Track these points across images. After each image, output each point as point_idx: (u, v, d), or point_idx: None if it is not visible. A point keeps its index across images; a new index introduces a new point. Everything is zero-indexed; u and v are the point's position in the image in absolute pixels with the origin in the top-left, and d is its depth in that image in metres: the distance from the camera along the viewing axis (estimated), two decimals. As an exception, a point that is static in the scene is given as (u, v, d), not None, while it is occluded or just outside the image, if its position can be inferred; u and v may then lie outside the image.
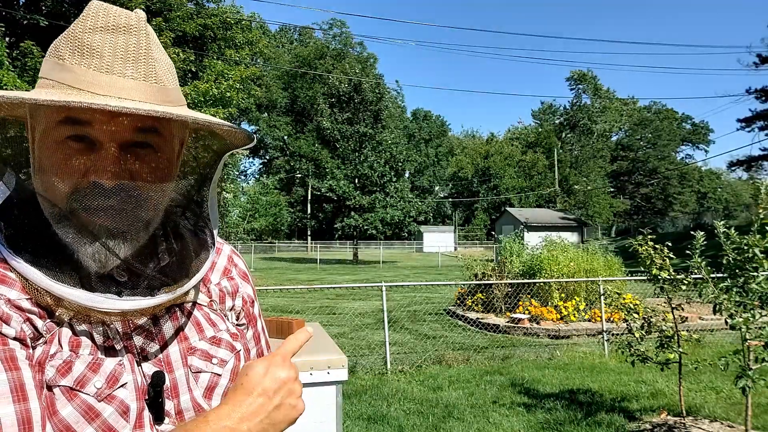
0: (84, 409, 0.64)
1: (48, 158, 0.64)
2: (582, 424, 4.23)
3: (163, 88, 0.67)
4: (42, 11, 11.59)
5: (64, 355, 0.65)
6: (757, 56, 29.74)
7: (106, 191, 0.63)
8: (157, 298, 0.67)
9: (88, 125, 0.63)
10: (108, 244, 0.64)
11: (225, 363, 0.78)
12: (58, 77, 0.64)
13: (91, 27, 0.64)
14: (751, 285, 3.44)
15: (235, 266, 0.90)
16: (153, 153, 0.67)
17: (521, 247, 10.80)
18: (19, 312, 0.63)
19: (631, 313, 4.41)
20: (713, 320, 7.68)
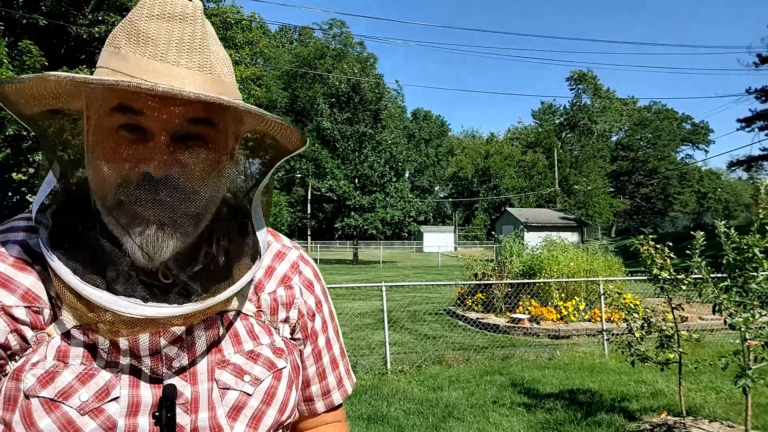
0: (63, 423, 0.61)
1: (99, 147, 0.63)
2: (582, 424, 4.23)
3: (218, 79, 0.65)
4: (41, 11, 11.58)
5: (47, 365, 0.62)
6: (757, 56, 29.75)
7: (155, 182, 0.61)
8: (184, 307, 0.63)
9: (140, 114, 0.61)
10: (150, 242, 0.62)
11: (258, 381, 0.71)
12: (114, 65, 0.63)
13: (147, 15, 0.63)
14: (750, 285, 3.44)
15: (299, 273, 0.83)
16: (205, 146, 0.64)
17: (521, 247, 10.80)
18: (8, 320, 0.62)
19: (631, 313, 4.41)
20: (713, 320, 7.68)
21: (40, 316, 0.64)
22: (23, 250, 0.66)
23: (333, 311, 0.90)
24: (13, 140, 10.45)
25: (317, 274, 0.87)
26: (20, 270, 0.65)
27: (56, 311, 0.65)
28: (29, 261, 0.66)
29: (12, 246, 0.66)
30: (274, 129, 0.71)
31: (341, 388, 0.89)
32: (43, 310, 0.65)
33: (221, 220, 0.71)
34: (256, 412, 0.70)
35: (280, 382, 0.74)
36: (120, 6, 11.61)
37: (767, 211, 3.55)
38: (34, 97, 0.64)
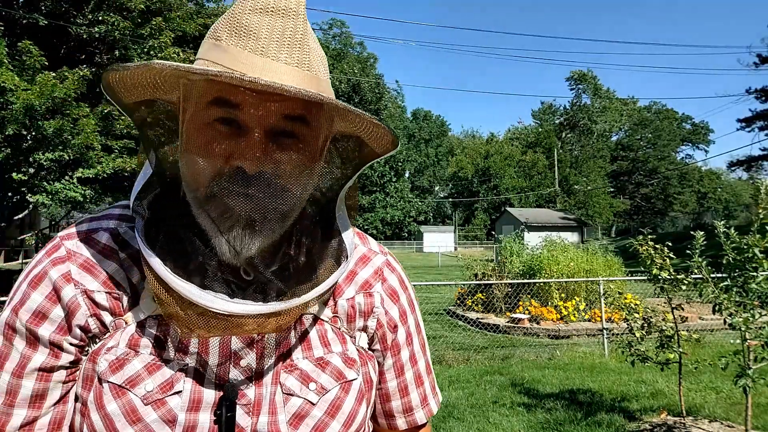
0: (127, 410, 0.62)
1: (195, 140, 0.63)
2: (582, 424, 4.23)
3: (315, 77, 0.64)
4: (41, 11, 11.58)
5: (119, 352, 0.65)
6: (757, 56, 29.78)
7: (248, 177, 0.60)
8: (268, 305, 0.62)
9: (237, 107, 0.61)
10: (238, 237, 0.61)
11: (324, 391, 0.68)
12: (214, 57, 0.62)
13: (250, 8, 0.62)
14: (750, 285, 3.44)
15: (383, 281, 0.78)
16: (298, 144, 0.64)
17: (521, 247, 10.80)
18: (90, 304, 0.65)
19: (631, 313, 4.41)
20: (713, 320, 7.68)
21: (119, 303, 0.66)
22: (112, 238, 0.69)
23: (420, 324, 0.85)
24: (13, 140, 10.45)
25: (404, 283, 0.81)
26: (105, 257, 0.67)
27: (135, 299, 0.67)
28: (115, 249, 0.68)
29: (102, 233, 0.69)
30: (367, 130, 0.69)
31: (425, 406, 0.84)
32: (122, 297, 0.66)
33: (307, 219, 0.71)
34: (318, 423, 0.67)
35: (348, 394, 0.70)
36: (120, 6, 11.61)
37: (767, 211, 3.55)
38: (134, 86, 0.64)
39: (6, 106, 9.92)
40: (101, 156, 11.14)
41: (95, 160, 11.00)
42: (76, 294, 0.65)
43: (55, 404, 0.66)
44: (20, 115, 9.74)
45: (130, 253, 0.68)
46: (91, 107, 11.14)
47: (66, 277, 0.65)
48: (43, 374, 0.65)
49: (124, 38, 11.66)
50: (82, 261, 0.67)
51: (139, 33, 11.93)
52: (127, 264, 0.68)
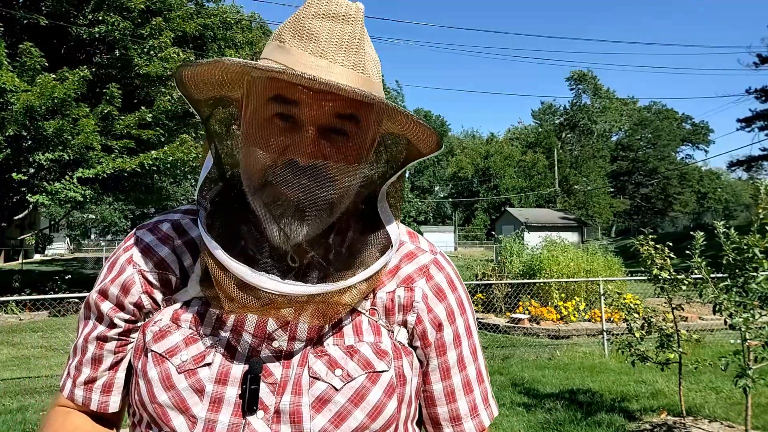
0: (164, 376, 0.69)
1: (253, 133, 0.68)
2: (582, 424, 4.23)
3: (368, 79, 0.69)
4: (42, 11, 11.58)
5: (162, 324, 0.72)
6: (757, 56, 29.78)
7: (300, 169, 0.65)
8: (317, 286, 0.66)
9: (295, 104, 0.65)
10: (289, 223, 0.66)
11: (349, 378, 0.69)
12: (276, 57, 0.67)
13: (313, 13, 0.67)
14: (750, 285, 3.44)
15: (429, 278, 0.78)
16: (347, 141, 0.68)
17: (521, 247, 10.80)
18: (143, 282, 0.74)
19: (631, 313, 4.41)
20: (713, 320, 7.68)
21: (169, 283, 0.75)
22: (172, 227, 0.78)
23: (472, 328, 0.82)
24: (13, 140, 10.44)
25: (452, 282, 0.80)
26: (161, 242, 0.77)
27: (184, 281, 0.74)
28: (172, 236, 0.77)
29: (165, 224, 0.79)
30: (413, 130, 0.73)
31: (476, 417, 0.79)
32: (171, 278, 0.75)
33: (354, 211, 0.74)
34: (341, 409, 0.68)
35: (375, 385, 0.70)
36: (120, 6, 11.61)
37: (767, 211, 3.55)
38: (203, 83, 0.71)
39: (6, 107, 9.92)
40: (101, 156, 11.14)
41: (95, 160, 11.00)
42: (133, 273, 0.75)
43: (107, 369, 0.77)
44: (20, 115, 9.74)
45: (186, 240, 0.77)
46: (91, 107, 11.14)
47: (129, 260, 0.76)
48: (99, 342, 0.76)
49: (124, 38, 11.65)
50: (143, 246, 0.77)
51: (139, 33, 11.93)
52: (181, 250, 0.76)
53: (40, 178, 11.20)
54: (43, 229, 27.48)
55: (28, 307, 10.43)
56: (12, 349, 7.63)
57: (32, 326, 9.30)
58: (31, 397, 5.25)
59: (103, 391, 0.77)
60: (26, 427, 4.34)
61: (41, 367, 6.49)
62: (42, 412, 4.72)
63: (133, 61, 11.84)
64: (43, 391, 5.47)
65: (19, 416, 4.62)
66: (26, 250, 24.61)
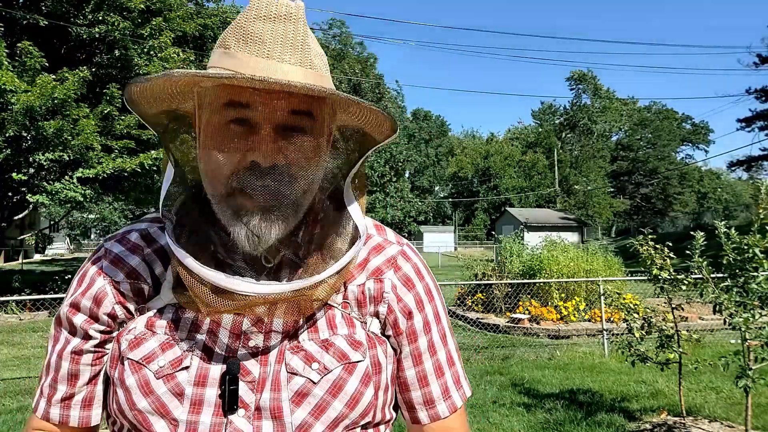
0: (142, 383, 0.70)
1: (211, 139, 0.68)
2: (582, 424, 4.23)
3: (318, 73, 0.70)
4: (42, 11, 11.57)
5: (137, 332, 0.72)
6: (757, 56, 29.75)
7: (262, 171, 0.65)
8: (291, 284, 0.67)
9: (247, 107, 0.66)
10: (257, 225, 0.67)
11: (326, 371, 0.71)
12: (224, 64, 0.68)
13: (254, 16, 0.67)
14: (751, 285, 3.44)
15: (396, 269, 0.80)
16: (305, 137, 0.69)
17: (521, 247, 10.79)
18: (116, 293, 0.74)
19: (631, 313, 4.41)
20: (713, 320, 7.68)
21: (141, 292, 0.75)
22: (140, 237, 0.78)
23: (441, 314, 0.84)
24: (13, 141, 10.44)
25: (420, 272, 0.82)
26: (131, 252, 0.77)
27: (157, 289, 0.75)
28: (141, 245, 0.77)
29: (132, 233, 0.79)
30: (367, 118, 0.73)
31: (448, 399, 0.82)
32: (144, 287, 0.75)
33: (319, 206, 0.75)
34: (320, 401, 0.70)
35: (352, 375, 0.72)
36: (120, 6, 11.60)
37: (767, 211, 3.55)
38: (154, 98, 0.71)
39: (6, 107, 9.92)
40: (101, 156, 11.13)
41: (95, 161, 11.00)
42: (104, 284, 0.75)
43: (85, 384, 0.77)
44: (20, 116, 9.74)
45: (155, 248, 0.77)
46: (91, 108, 11.14)
47: (99, 272, 0.76)
48: (75, 357, 0.75)
49: (124, 38, 11.65)
50: (113, 257, 0.77)
51: (139, 33, 11.92)
52: (151, 258, 0.76)
53: (40, 178, 11.20)
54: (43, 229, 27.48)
55: (28, 307, 10.42)
56: (12, 349, 7.63)
57: (32, 326, 9.30)
58: (31, 397, 5.24)
59: (83, 406, 0.77)
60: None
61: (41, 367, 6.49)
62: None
63: (133, 61, 11.84)
64: (43, 391, 5.47)
65: (19, 416, 4.62)
66: (26, 250, 24.61)
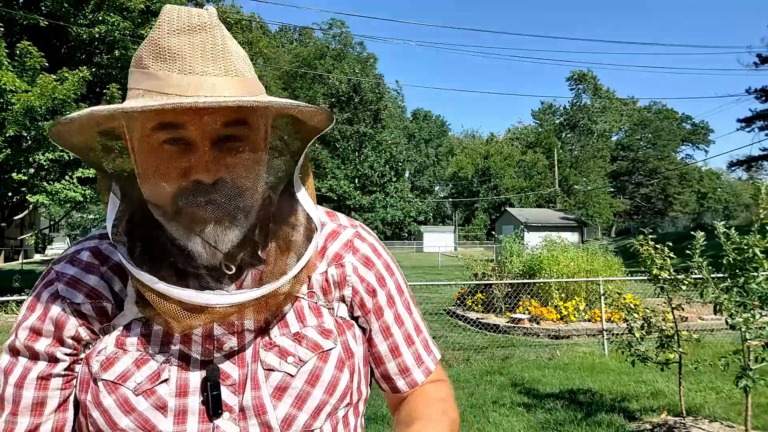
0: (121, 402, 0.68)
1: (148, 164, 0.66)
2: (582, 424, 4.23)
3: (243, 79, 0.68)
4: (41, 11, 11.57)
5: (108, 352, 0.71)
6: (757, 56, 29.76)
7: (207, 188, 0.65)
8: (262, 288, 0.67)
9: (180, 127, 0.65)
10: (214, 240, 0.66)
11: (302, 363, 0.73)
12: (146, 85, 0.65)
13: (167, 31, 0.65)
14: (751, 285, 3.44)
15: (354, 251, 0.82)
16: (243, 144, 0.68)
17: (521, 247, 10.79)
18: (77, 316, 0.72)
19: (631, 313, 4.41)
20: (713, 320, 7.68)
21: (104, 311, 0.73)
22: (92, 255, 0.76)
23: (402, 286, 0.87)
24: (13, 141, 10.44)
25: (376, 250, 0.84)
26: (87, 272, 0.74)
27: (119, 306, 0.73)
28: (96, 264, 0.75)
29: (84, 252, 0.76)
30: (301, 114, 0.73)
31: (421, 365, 0.86)
32: (107, 306, 0.73)
33: (271, 207, 0.75)
34: (300, 392, 0.72)
35: (327, 363, 0.74)
36: (120, 6, 11.60)
37: (767, 211, 3.55)
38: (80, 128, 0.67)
39: (6, 107, 9.92)
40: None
41: (95, 161, 10.98)
42: (64, 308, 0.72)
43: (54, 411, 0.73)
44: (20, 116, 9.74)
45: (111, 265, 0.75)
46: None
47: (54, 296, 0.73)
48: (41, 382, 0.72)
49: (124, 38, 11.65)
50: (68, 279, 0.73)
51: (139, 33, 11.92)
52: (108, 275, 0.74)
53: (40, 178, 11.19)
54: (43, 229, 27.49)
55: (28, 307, 10.41)
56: (12, 349, 7.62)
57: (32, 326, 9.29)
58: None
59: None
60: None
61: (41, 367, 6.49)
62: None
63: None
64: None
65: (19, 416, 4.62)
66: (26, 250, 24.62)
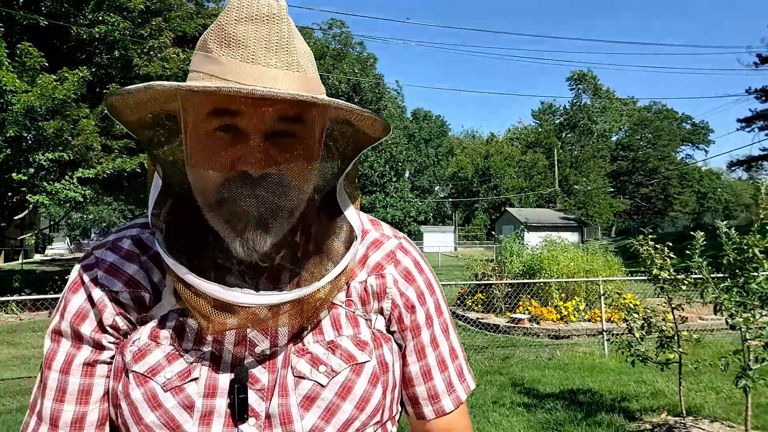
0: (149, 396, 0.67)
1: (198, 150, 0.66)
2: (582, 424, 4.23)
3: (304, 76, 0.67)
4: (42, 11, 11.57)
5: (141, 343, 0.69)
6: (757, 56, 29.77)
7: (254, 181, 0.63)
8: (293, 292, 0.65)
9: (235, 115, 0.64)
10: (252, 236, 0.65)
11: (334, 373, 0.70)
12: (207, 69, 0.65)
13: (235, 18, 0.64)
14: (751, 285, 3.44)
15: (396, 263, 0.78)
16: (296, 142, 0.67)
17: (521, 247, 10.79)
18: (115, 304, 0.71)
19: (631, 313, 4.41)
20: (713, 320, 7.68)
21: (142, 300, 0.71)
22: (133, 243, 0.75)
23: (442, 307, 0.83)
24: (13, 141, 10.44)
25: (419, 266, 0.81)
26: (127, 260, 0.73)
27: (157, 296, 0.72)
28: (136, 252, 0.74)
29: (125, 240, 0.75)
30: (358, 120, 0.71)
31: (452, 393, 0.81)
32: (144, 295, 0.72)
33: (314, 209, 0.73)
34: (329, 404, 0.69)
35: (360, 377, 0.71)
36: (120, 6, 11.60)
37: (767, 211, 3.55)
38: (136, 105, 0.67)
39: (6, 107, 9.92)
40: (101, 156, 11.14)
41: (95, 161, 11.00)
42: (102, 296, 0.71)
43: (100, 400, 0.72)
44: (20, 116, 9.74)
45: (150, 255, 0.74)
46: (91, 108, 11.13)
47: (94, 281, 0.72)
48: (87, 368, 0.71)
49: (124, 38, 11.65)
50: (107, 266, 0.73)
51: (139, 33, 11.92)
52: (148, 265, 0.73)
53: (40, 178, 11.19)
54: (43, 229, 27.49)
55: (28, 307, 10.42)
56: (12, 349, 7.63)
57: (32, 326, 9.30)
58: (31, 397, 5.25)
59: (99, 425, 0.72)
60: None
61: (41, 367, 6.49)
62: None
63: (133, 61, 11.85)
64: (43, 391, 5.47)
65: (19, 416, 4.62)
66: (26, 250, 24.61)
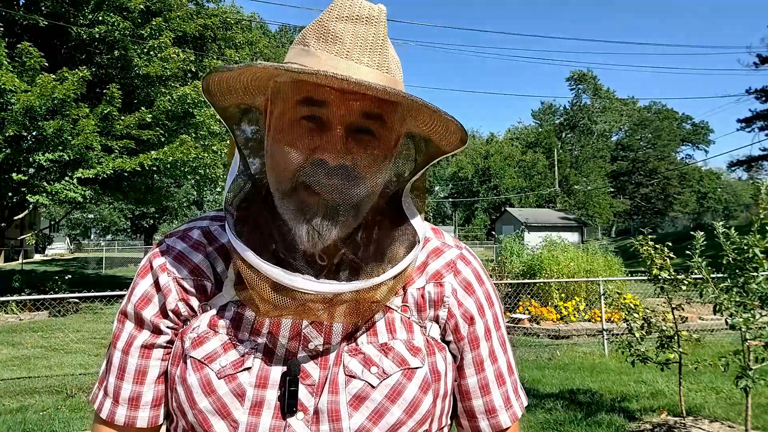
0: (204, 382, 0.69)
1: (281, 136, 0.68)
2: (582, 424, 4.23)
3: (392, 78, 0.70)
4: (41, 11, 11.57)
5: (200, 330, 0.72)
6: (757, 56, 29.75)
7: (330, 169, 0.65)
8: (350, 284, 0.67)
9: (323, 105, 0.66)
10: (320, 224, 0.66)
11: (385, 375, 0.70)
12: (302, 61, 0.68)
13: (336, 16, 0.68)
14: (751, 285, 3.44)
15: (456, 273, 0.79)
16: (374, 140, 0.69)
17: (521, 247, 10.79)
18: (179, 289, 0.74)
19: (631, 313, 4.41)
20: (713, 320, 7.68)
21: (204, 289, 0.75)
22: (202, 234, 0.79)
23: (500, 320, 0.83)
24: (13, 141, 10.44)
25: (480, 277, 0.81)
26: (194, 249, 0.77)
27: (219, 286, 0.75)
28: (203, 243, 0.78)
29: (195, 231, 0.79)
30: (437, 128, 0.73)
31: (509, 408, 0.81)
32: (207, 284, 0.75)
33: (380, 209, 0.75)
34: (378, 406, 0.69)
35: (411, 381, 0.71)
36: (120, 6, 11.60)
37: (767, 211, 3.55)
38: (228, 90, 0.72)
39: (6, 107, 9.92)
40: (101, 156, 11.12)
41: (95, 161, 10.99)
42: (168, 281, 0.75)
43: (154, 381, 0.75)
44: (20, 116, 9.74)
45: (216, 246, 0.77)
46: (91, 108, 11.13)
47: (162, 267, 0.76)
48: (144, 351, 0.75)
49: (124, 38, 11.64)
50: (176, 253, 0.77)
51: (139, 33, 11.92)
52: (213, 256, 0.77)
53: (40, 178, 11.19)
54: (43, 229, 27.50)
55: (28, 307, 10.43)
56: (12, 349, 7.62)
57: (32, 326, 9.30)
58: (31, 397, 5.25)
59: (153, 406, 0.75)
60: (26, 427, 4.34)
61: (41, 367, 6.49)
62: (42, 412, 4.72)
63: (133, 61, 11.84)
64: (43, 391, 5.47)
65: (19, 416, 4.62)
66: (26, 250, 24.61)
